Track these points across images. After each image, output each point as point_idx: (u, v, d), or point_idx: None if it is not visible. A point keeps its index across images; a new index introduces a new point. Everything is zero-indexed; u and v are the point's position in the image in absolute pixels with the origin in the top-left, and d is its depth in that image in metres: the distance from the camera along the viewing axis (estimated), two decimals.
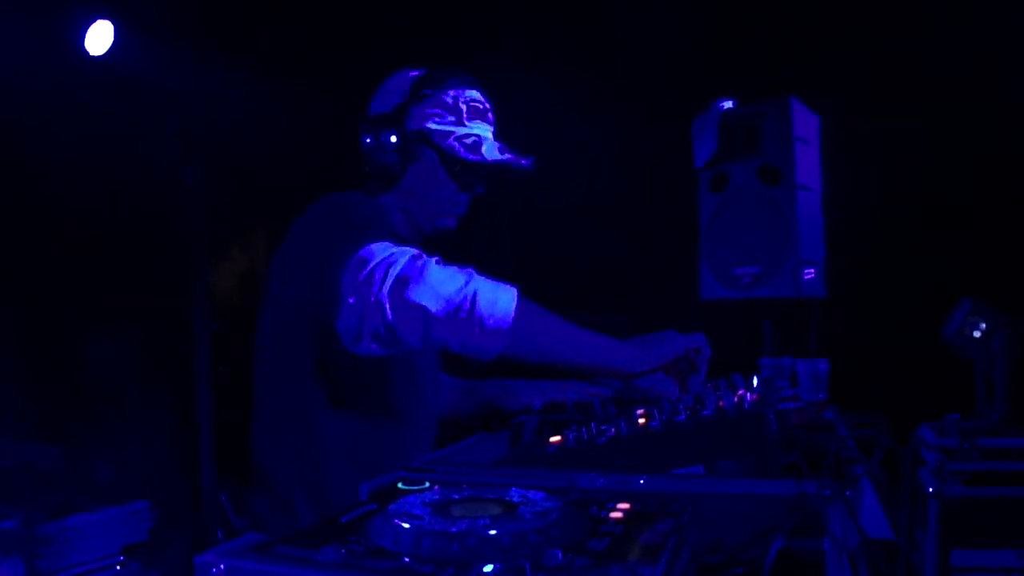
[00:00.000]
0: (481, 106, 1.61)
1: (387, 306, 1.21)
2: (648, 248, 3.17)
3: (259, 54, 3.39)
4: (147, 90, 3.23)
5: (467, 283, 1.23)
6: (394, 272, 1.21)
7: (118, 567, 2.26)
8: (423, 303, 1.19)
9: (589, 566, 0.67)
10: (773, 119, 2.24)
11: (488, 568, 0.65)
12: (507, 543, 0.69)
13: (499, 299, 1.23)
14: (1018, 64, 2.51)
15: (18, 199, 2.93)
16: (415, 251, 1.28)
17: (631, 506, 0.82)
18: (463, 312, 1.20)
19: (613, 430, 1.16)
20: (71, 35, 3.03)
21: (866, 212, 2.68)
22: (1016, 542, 1.35)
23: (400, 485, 0.95)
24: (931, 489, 1.39)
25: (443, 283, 1.21)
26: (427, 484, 0.94)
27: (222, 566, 0.68)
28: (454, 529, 0.70)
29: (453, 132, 1.55)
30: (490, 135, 1.61)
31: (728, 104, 2.30)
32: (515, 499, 0.80)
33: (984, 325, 1.50)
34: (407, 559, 0.68)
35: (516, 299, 1.25)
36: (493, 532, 0.70)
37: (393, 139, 1.54)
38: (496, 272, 1.81)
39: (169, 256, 3.43)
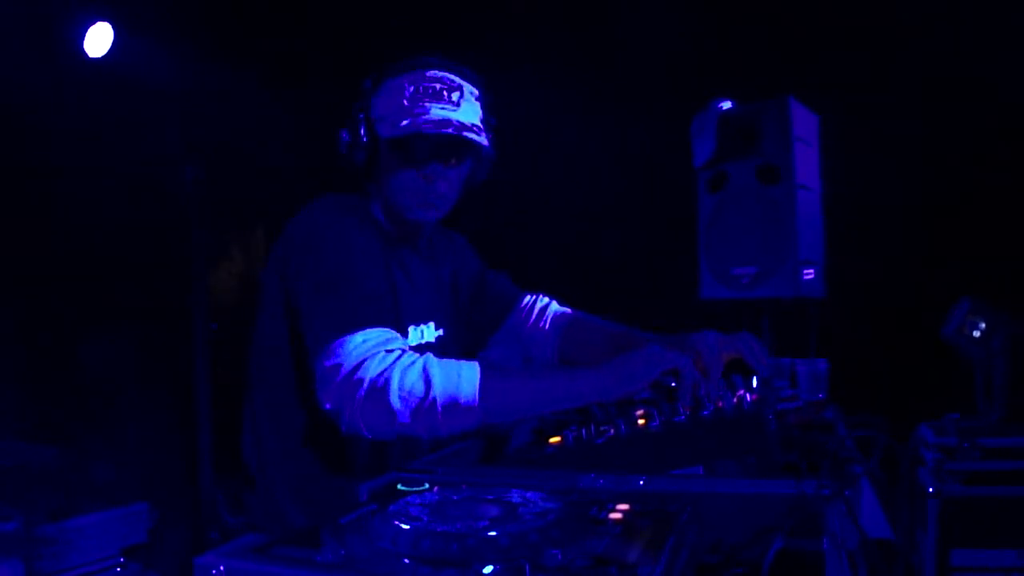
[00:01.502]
0: (438, 86, 1.48)
1: (360, 422, 1.24)
2: (648, 248, 3.17)
3: (258, 55, 3.39)
4: (146, 91, 3.23)
5: (427, 386, 1.23)
6: (363, 386, 1.23)
7: (118, 568, 2.26)
8: (391, 413, 1.22)
9: (588, 566, 0.67)
10: (772, 119, 2.24)
11: (488, 569, 0.65)
12: (507, 544, 0.69)
13: (462, 386, 1.23)
14: (1018, 64, 2.51)
15: (18, 200, 2.93)
16: (381, 353, 1.26)
17: (631, 506, 0.82)
18: (430, 411, 1.22)
19: (612, 431, 1.16)
20: (71, 37, 3.03)
21: (865, 212, 2.68)
22: (1016, 541, 1.35)
23: (400, 486, 0.95)
24: (931, 489, 1.39)
25: (407, 390, 1.22)
26: (426, 485, 0.94)
27: (222, 567, 0.68)
28: (454, 530, 0.70)
29: (399, 117, 1.46)
30: (449, 113, 1.46)
31: (727, 104, 2.31)
32: (515, 500, 0.80)
33: (983, 325, 1.50)
34: (406, 560, 0.68)
35: (479, 379, 1.24)
36: (493, 533, 0.70)
37: (351, 136, 1.51)
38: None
39: (169, 256, 3.44)
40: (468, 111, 1.50)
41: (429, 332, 1.59)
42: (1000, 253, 2.53)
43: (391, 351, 1.27)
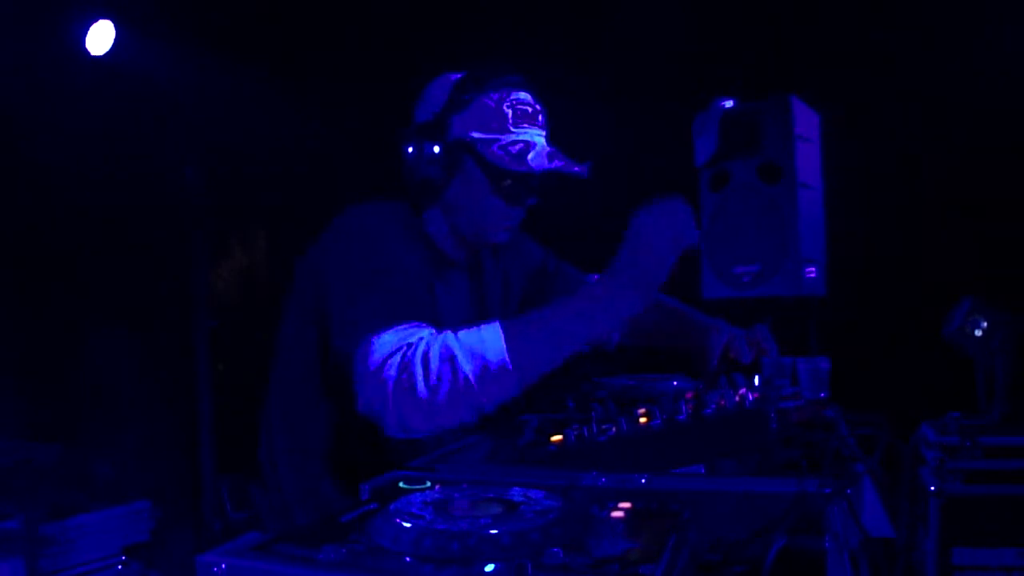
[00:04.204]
0: (530, 109, 1.47)
1: (395, 422, 1.21)
2: None
3: (260, 54, 3.39)
4: (148, 90, 3.23)
5: (453, 363, 1.18)
6: (388, 385, 1.20)
7: (120, 567, 2.26)
8: (424, 405, 1.19)
9: (590, 565, 0.67)
10: (774, 117, 2.23)
11: (489, 567, 0.65)
12: (508, 542, 0.69)
13: (487, 350, 1.19)
14: (1018, 64, 2.51)
15: (18, 199, 2.93)
16: (403, 348, 1.22)
17: (632, 505, 0.82)
18: (466, 388, 1.18)
19: (614, 429, 1.16)
20: (72, 35, 3.03)
21: (867, 210, 2.68)
22: (1017, 540, 1.35)
23: (401, 484, 0.95)
24: (932, 487, 1.39)
25: (435, 375, 1.18)
26: (428, 483, 0.94)
27: (223, 565, 0.68)
28: (455, 528, 0.70)
29: (498, 139, 1.42)
30: (541, 140, 1.47)
31: (728, 102, 2.30)
32: (516, 498, 0.80)
33: (985, 324, 1.50)
34: (408, 558, 0.68)
35: (503, 336, 1.20)
36: (494, 531, 0.70)
37: (435, 150, 1.42)
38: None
39: (169, 256, 3.44)
40: (545, 134, 1.49)
41: None
42: (1002, 252, 2.53)
43: (412, 344, 1.23)
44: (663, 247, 1.23)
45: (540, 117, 1.50)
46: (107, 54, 3.09)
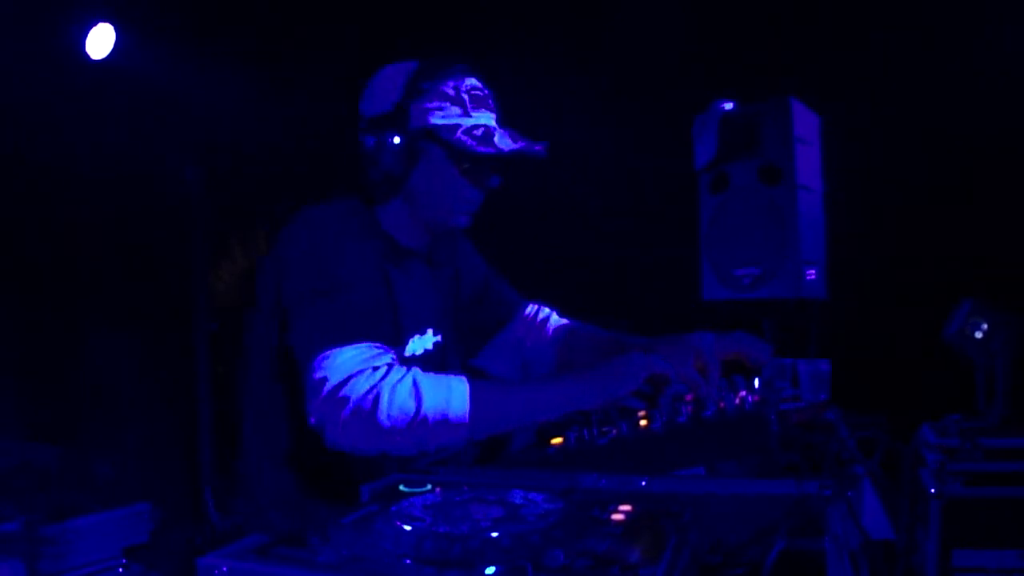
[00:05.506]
0: (482, 93, 1.50)
1: (344, 439, 1.22)
2: (649, 249, 3.17)
3: (260, 55, 3.39)
4: (148, 93, 3.23)
5: (417, 402, 1.21)
6: (348, 405, 1.20)
7: (120, 569, 2.26)
8: (379, 432, 1.20)
9: (591, 567, 0.67)
10: (773, 119, 2.24)
11: (490, 570, 0.65)
12: (509, 544, 0.69)
13: (452, 401, 1.23)
14: (1018, 64, 2.51)
15: (18, 202, 2.93)
16: (368, 370, 1.24)
17: (633, 507, 0.82)
18: (421, 427, 1.21)
19: (614, 431, 1.16)
20: (72, 39, 3.03)
21: (867, 212, 2.68)
22: (1017, 542, 1.35)
23: (401, 487, 0.95)
24: (932, 489, 1.39)
25: (398, 407, 1.20)
26: (428, 486, 0.94)
27: (224, 568, 0.69)
28: (456, 531, 0.70)
29: (460, 125, 1.43)
30: (494, 123, 1.50)
31: (728, 105, 2.30)
32: (517, 501, 0.80)
33: (985, 326, 1.50)
34: (409, 561, 0.68)
35: (468, 394, 1.24)
36: (495, 534, 0.70)
37: (396, 140, 1.43)
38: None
39: (169, 256, 3.44)
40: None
41: (427, 340, 1.56)
42: (1002, 254, 2.53)
43: (378, 368, 1.25)
44: (633, 379, 1.29)
45: (491, 101, 1.52)
46: (107, 58, 3.10)
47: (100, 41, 3.08)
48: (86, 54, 3.06)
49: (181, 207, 3.49)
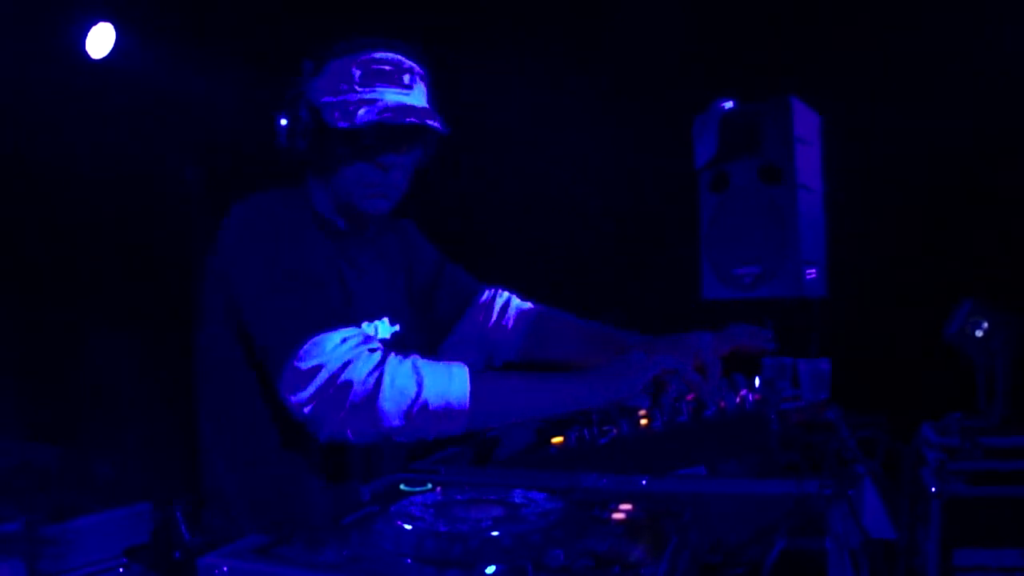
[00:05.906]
0: (387, 67, 1.39)
1: (347, 427, 1.18)
2: (649, 248, 3.17)
3: (260, 55, 3.39)
4: (148, 92, 3.23)
5: (418, 386, 1.18)
6: (352, 389, 1.16)
7: (120, 569, 2.26)
8: (380, 416, 1.17)
9: (591, 567, 0.67)
10: (773, 119, 2.24)
11: (491, 569, 0.65)
12: (509, 544, 0.69)
13: (452, 387, 1.20)
14: (1018, 64, 2.51)
15: (19, 201, 2.93)
16: (364, 352, 1.20)
17: (633, 507, 0.82)
18: (421, 413, 1.18)
19: (615, 431, 1.16)
20: (72, 38, 3.03)
21: (867, 212, 2.68)
22: (1018, 541, 1.35)
23: (402, 486, 0.95)
24: (933, 488, 1.39)
25: (399, 391, 1.17)
26: (429, 485, 0.94)
27: (225, 568, 0.68)
28: (457, 530, 0.70)
29: (346, 101, 1.35)
30: (400, 98, 1.38)
31: (728, 104, 2.30)
32: (517, 500, 0.80)
33: (986, 325, 1.50)
34: (409, 560, 0.68)
35: (469, 380, 1.21)
36: (495, 533, 0.70)
37: (283, 122, 1.41)
38: (496, 272, 1.81)
39: (169, 256, 3.44)
40: (419, 94, 1.41)
41: (384, 329, 1.51)
42: (1002, 253, 2.52)
43: (374, 350, 1.21)
44: (639, 378, 1.27)
45: (406, 77, 1.40)
46: (107, 57, 3.10)
47: (100, 41, 3.08)
48: (86, 54, 3.06)
49: (181, 207, 3.49)
